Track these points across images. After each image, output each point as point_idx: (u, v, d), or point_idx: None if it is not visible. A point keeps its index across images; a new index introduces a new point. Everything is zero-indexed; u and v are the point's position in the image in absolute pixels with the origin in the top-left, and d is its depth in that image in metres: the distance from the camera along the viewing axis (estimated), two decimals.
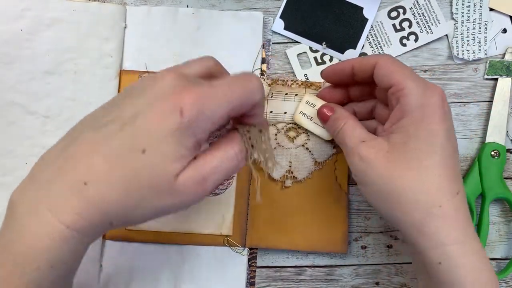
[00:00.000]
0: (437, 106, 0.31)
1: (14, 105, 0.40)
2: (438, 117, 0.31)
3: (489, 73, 0.42)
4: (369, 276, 0.41)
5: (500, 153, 0.40)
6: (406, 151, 0.31)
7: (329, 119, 0.37)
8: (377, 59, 0.34)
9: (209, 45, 0.42)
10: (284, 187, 0.41)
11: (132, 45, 0.42)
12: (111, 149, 0.25)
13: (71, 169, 0.25)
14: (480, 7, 0.43)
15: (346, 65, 0.36)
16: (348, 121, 0.35)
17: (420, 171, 0.30)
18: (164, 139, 0.25)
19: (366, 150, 0.32)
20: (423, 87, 0.32)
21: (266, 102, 0.41)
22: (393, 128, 0.32)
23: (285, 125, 0.41)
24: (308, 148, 0.41)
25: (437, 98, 0.31)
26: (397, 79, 0.32)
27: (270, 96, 0.41)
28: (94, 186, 0.25)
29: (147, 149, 0.25)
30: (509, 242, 0.42)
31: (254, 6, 0.43)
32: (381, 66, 0.33)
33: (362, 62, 0.35)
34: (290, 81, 0.41)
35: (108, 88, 0.41)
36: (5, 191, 0.40)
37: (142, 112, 0.25)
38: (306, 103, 0.40)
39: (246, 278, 0.41)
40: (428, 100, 0.31)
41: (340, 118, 0.36)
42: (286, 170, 0.41)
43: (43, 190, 0.26)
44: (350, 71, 0.36)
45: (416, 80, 0.32)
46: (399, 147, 0.31)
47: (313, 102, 0.40)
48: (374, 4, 0.43)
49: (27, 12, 0.41)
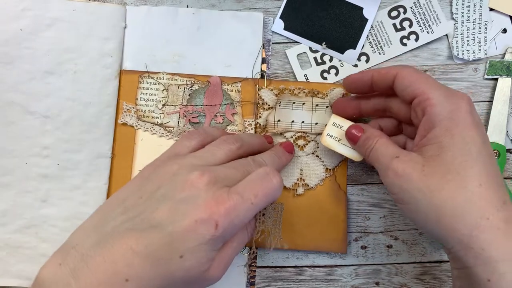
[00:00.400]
0: (466, 111, 0.30)
1: (14, 105, 0.40)
2: (470, 122, 0.30)
3: (489, 73, 0.42)
4: (369, 276, 0.41)
5: (500, 153, 0.40)
6: (442, 162, 0.29)
7: (359, 139, 0.36)
8: (398, 70, 0.33)
9: (209, 45, 0.42)
10: (296, 195, 0.41)
11: (132, 45, 0.42)
12: (151, 252, 0.27)
13: (110, 266, 0.27)
14: (480, 7, 0.42)
15: (365, 75, 0.36)
16: (380, 139, 0.34)
17: (460, 182, 0.29)
18: (199, 247, 0.28)
19: (401, 166, 0.31)
20: (448, 94, 0.31)
21: (274, 111, 0.41)
22: (424, 141, 0.31)
23: (293, 133, 0.41)
24: (318, 156, 0.41)
25: (465, 104, 0.30)
26: (421, 89, 0.31)
27: (278, 105, 0.42)
28: (134, 282, 0.27)
29: (184, 255, 0.28)
30: None
31: (254, 6, 0.43)
32: (403, 76, 0.33)
33: (382, 72, 0.34)
34: (297, 90, 0.41)
35: (108, 88, 0.41)
36: (5, 191, 0.40)
37: (179, 220, 0.28)
38: (333, 125, 0.39)
39: (246, 278, 0.41)
40: (456, 107, 0.30)
41: (371, 137, 0.35)
42: (297, 178, 0.41)
43: (80, 282, 0.27)
44: (369, 81, 0.36)
45: (441, 89, 0.31)
46: (434, 159, 0.30)
47: (340, 123, 0.39)
48: (374, 4, 0.43)
49: (27, 12, 0.41)
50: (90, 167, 0.40)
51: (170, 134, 0.41)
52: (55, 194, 0.40)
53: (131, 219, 0.29)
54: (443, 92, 0.31)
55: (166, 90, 0.42)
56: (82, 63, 0.41)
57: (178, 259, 0.28)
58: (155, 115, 0.42)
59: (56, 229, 0.40)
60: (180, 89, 0.42)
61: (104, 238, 0.28)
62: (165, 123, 0.41)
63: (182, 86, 0.42)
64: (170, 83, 0.42)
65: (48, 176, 0.40)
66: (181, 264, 0.28)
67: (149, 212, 0.29)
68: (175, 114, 0.42)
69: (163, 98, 0.42)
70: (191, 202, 0.28)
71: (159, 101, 0.42)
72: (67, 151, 0.40)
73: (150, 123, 0.41)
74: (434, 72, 0.43)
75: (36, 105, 0.41)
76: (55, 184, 0.40)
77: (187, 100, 0.42)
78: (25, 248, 0.40)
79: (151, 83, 0.42)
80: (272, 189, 0.31)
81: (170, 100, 0.42)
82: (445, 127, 0.30)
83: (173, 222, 0.28)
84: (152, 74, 0.42)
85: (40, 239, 0.40)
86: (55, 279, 0.28)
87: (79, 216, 0.40)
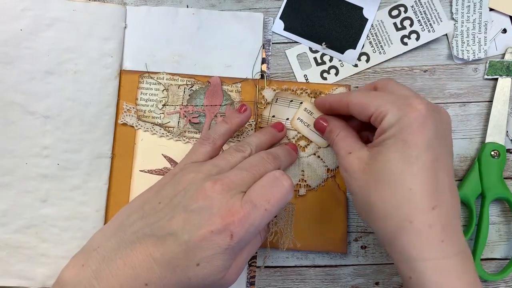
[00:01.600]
0: (414, 118, 0.30)
1: (14, 105, 0.40)
2: (415, 128, 0.30)
3: (489, 73, 0.42)
4: (369, 276, 0.41)
5: (500, 153, 0.40)
6: (379, 164, 0.31)
7: (325, 130, 0.38)
8: (348, 99, 0.35)
9: (209, 45, 0.42)
10: (298, 196, 0.41)
11: (132, 45, 0.42)
12: (168, 259, 0.29)
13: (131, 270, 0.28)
14: (480, 7, 0.42)
15: (325, 103, 0.38)
16: (341, 132, 0.36)
17: (390, 184, 0.30)
18: (215, 256, 0.29)
19: (349, 162, 0.33)
20: (401, 105, 0.31)
21: (270, 107, 0.41)
22: (375, 142, 0.33)
23: (296, 133, 0.41)
24: (320, 156, 0.41)
25: (415, 112, 0.30)
26: (374, 108, 0.32)
27: (275, 101, 0.42)
28: (153, 287, 0.29)
29: (201, 263, 0.29)
30: (509, 242, 0.42)
31: (254, 6, 0.43)
32: (354, 104, 0.34)
33: (337, 102, 0.36)
34: (299, 90, 0.41)
35: (108, 88, 0.41)
36: (5, 191, 0.40)
37: (194, 230, 0.29)
38: (305, 110, 0.41)
39: (246, 278, 0.41)
40: (404, 114, 0.31)
41: (333, 130, 0.37)
42: (299, 179, 0.41)
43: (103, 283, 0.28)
44: (329, 109, 0.38)
45: (394, 101, 0.32)
46: (374, 159, 0.32)
47: (311, 110, 0.41)
48: (374, 4, 0.43)
49: (27, 12, 0.41)
50: (90, 167, 0.40)
51: (170, 134, 0.41)
52: (55, 194, 0.40)
53: (150, 225, 0.30)
54: (396, 103, 0.31)
55: (166, 90, 0.42)
56: (82, 63, 0.41)
57: (195, 267, 0.29)
58: (155, 115, 0.41)
59: (56, 229, 0.40)
60: (180, 89, 0.42)
61: (124, 242, 0.30)
62: (165, 123, 0.41)
63: (182, 86, 0.42)
64: (170, 83, 0.42)
65: (48, 176, 0.40)
66: (198, 272, 0.29)
67: (166, 219, 0.30)
68: (175, 114, 0.42)
69: (163, 98, 0.42)
70: (205, 212, 0.29)
71: (159, 101, 0.42)
72: (67, 151, 0.40)
73: (150, 123, 0.41)
74: (434, 72, 0.43)
75: (36, 105, 0.40)
76: (55, 184, 0.40)
77: (187, 100, 0.42)
78: (25, 248, 0.40)
79: (151, 83, 0.42)
80: (284, 193, 0.31)
81: (170, 100, 0.42)
82: (392, 133, 0.31)
83: (189, 232, 0.29)
84: (152, 74, 0.42)
85: (40, 239, 0.40)
86: (78, 279, 0.29)
87: (79, 216, 0.40)
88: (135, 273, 0.28)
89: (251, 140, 0.37)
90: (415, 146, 0.30)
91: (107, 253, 0.29)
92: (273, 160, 0.34)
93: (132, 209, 0.32)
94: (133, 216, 0.31)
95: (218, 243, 0.28)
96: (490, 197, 0.40)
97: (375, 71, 0.43)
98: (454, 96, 0.43)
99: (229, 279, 0.31)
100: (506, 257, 0.41)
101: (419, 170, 0.29)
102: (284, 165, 0.37)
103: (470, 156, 0.42)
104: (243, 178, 0.31)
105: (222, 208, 0.29)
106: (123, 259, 0.29)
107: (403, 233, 0.29)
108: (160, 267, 0.29)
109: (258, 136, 0.38)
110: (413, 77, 0.43)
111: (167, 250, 0.29)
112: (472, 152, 0.42)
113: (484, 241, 0.40)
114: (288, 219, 0.40)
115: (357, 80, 0.43)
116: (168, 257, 0.29)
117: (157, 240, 0.29)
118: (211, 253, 0.29)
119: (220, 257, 0.29)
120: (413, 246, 0.29)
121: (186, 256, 0.29)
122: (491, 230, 0.41)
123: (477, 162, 0.41)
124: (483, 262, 0.41)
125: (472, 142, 0.42)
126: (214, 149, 0.36)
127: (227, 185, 0.30)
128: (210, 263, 0.29)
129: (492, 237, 0.41)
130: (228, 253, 0.29)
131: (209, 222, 0.29)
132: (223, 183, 0.30)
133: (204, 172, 0.32)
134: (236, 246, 0.29)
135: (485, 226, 0.40)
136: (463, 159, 0.42)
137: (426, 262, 0.29)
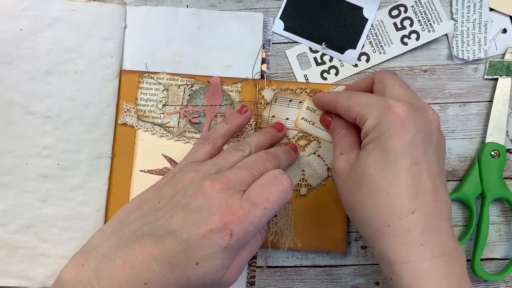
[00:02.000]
0: (391, 122, 0.30)
1: (14, 105, 0.40)
2: (393, 133, 0.30)
3: (489, 73, 0.42)
4: (369, 276, 0.41)
5: (500, 153, 0.40)
6: (359, 168, 0.31)
7: (330, 126, 0.38)
8: (335, 100, 0.35)
9: (209, 45, 0.42)
10: (299, 195, 0.41)
11: (132, 45, 0.42)
12: (168, 257, 0.29)
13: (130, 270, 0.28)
14: (480, 7, 0.42)
15: (320, 102, 0.39)
16: (342, 131, 0.36)
17: (369, 188, 0.30)
18: (215, 255, 0.29)
19: (339, 163, 0.34)
20: (382, 109, 0.31)
21: (269, 107, 0.42)
22: (362, 145, 0.33)
23: (296, 133, 0.41)
24: (320, 155, 0.41)
25: (395, 116, 0.30)
26: (356, 112, 0.33)
27: (274, 101, 0.42)
28: (152, 285, 0.29)
29: (200, 262, 0.29)
30: (509, 242, 0.42)
31: (254, 6, 0.43)
32: (340, 107, 0.35)
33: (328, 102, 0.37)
34: (299, 90, 0.41)
35: (108, 88, 0.41)
36: (5, 191, 0.40)
37: (194, 229, 0.29)
38: (307, 109, 0.41)
39: (246, 278, 0.41)
40: (384, 118, 0.31)
41: (335, 127, 0.37)
42: (300, 178, 0.41)
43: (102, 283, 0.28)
44: (323, 108, 0.39)
45: (376, 105, 0.32)
46: (356, 163, 0.32)
47: (314, 107, 0.41)
48: (374, 4, 0.43)
49: (27, 12, 0.41)
50: (90, 167, 0.40)
51: (170, 134, 0.41)
52: (55, 194, 0.40)
53: (149, 224, 0.30)
54: (377, 107, 0.32)
55: (166, 90, 0.42)
56: (82, 63, 0.41)
57: (194, 265, 0.29)
58: (155, 115, 0.41)
59: (56, 229, 0.40)
60: (180, 89, 0.42)
61: (123, 242, 0.30)
62: (165, 123, 0.41)
63: (182, 86, 0.42)
64: (170, 83, 0.42)
65: (48, 176, 0.40)
66: (197, 271, 0.29)
67: (165, 218, 0.30)
68: (175, 114, 0.42)
69: (163, 98, 0.42)
70: (205, 211, 0.29)
71: (159, 101, 0.42)
72: (67, 151, 0.40)
73: (150, 123, 0.41)
74: (434, 72, 0.43)
75: (36, 105, 0.40)
76: (55, 184, 0.40)
77: (187, 100, 0.42)
78: (25, 248, 0.40)
79: (151, 83, 0.42)
80: (283, 192, 0.31)
81: (170, 100, 0.42)
82: (372, 137, 0.31)
83: (188, 230, 0.29)
84: (152, 74, 0.42)
85: (40, 239, 0.40)
86: (78, 279, 0.29)
87: (79, 216, 0.40)
88: (134, 272, 0.28)
89: (250, 139, 0.37)
90: (392, 151, 0.30)
91: (106, 252, 0.29)
92: (272, 160, 0.34)
93: (131, 208, 0.32)
94: (132, 215, 0.31)
95: (217, 242, 0.29)
96: (490, 197, 0.40)
97: (375, 71, 0.43)
98: (454, 96, 0.43)
99: (228, 278, 0.31)
100: (506, 257, 0.41)
101: (396, 175, 0.30)
102: (284, 165, 0.37)
103: (470, 156, 0.42)
104: (243, 177, 0.31)
105: (221, 206, 0.29)
106: (123, 258, 0.29)
107: (382, 236, 0.30)
108: (159, 266, 0.29)
109: (257, 136, 0.38)
110: (413, 77, 0.43)
111: (166, 249, 0.29)
112: (472, 152, 0.42)
113: (484, 241, 0.40)
114: (288, 218, 0.40)
115: (357, 80, 0.43)
116: (167, 256, 0.29)
117: (156, 239, 0.29)
118: (211, 251, 0.29)
119: (220, 256, 0.29)
120: (391, 249, 0.29)
121: (186, 254, 0.29)
122: (491, 230, 0.41)
123: (477, 162, 0.41)
124: (483, 262, 0.41)
125: (472, 142, 0.42)
126: (214, 149, 0.36)
127: (226, 184, 0.30)
128: (209, 262, 0.29)
129: (492, 237, 0.41)
130: (228, 252, 0.29)
131: (208, 221, 0.29)
132: (222, 182, 0.30)
133: (203, 171, 0.32)
134: (236, 245, 0.29)
135: (485, 226, 0.40)
136: (463, 159, 0.42)
137: (403, 265, 0.29)
